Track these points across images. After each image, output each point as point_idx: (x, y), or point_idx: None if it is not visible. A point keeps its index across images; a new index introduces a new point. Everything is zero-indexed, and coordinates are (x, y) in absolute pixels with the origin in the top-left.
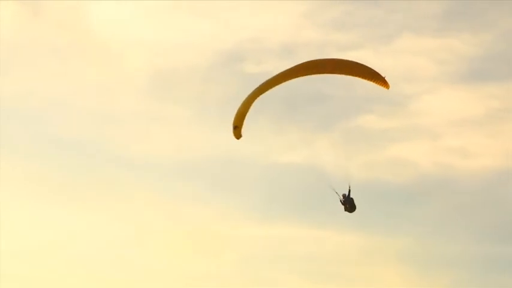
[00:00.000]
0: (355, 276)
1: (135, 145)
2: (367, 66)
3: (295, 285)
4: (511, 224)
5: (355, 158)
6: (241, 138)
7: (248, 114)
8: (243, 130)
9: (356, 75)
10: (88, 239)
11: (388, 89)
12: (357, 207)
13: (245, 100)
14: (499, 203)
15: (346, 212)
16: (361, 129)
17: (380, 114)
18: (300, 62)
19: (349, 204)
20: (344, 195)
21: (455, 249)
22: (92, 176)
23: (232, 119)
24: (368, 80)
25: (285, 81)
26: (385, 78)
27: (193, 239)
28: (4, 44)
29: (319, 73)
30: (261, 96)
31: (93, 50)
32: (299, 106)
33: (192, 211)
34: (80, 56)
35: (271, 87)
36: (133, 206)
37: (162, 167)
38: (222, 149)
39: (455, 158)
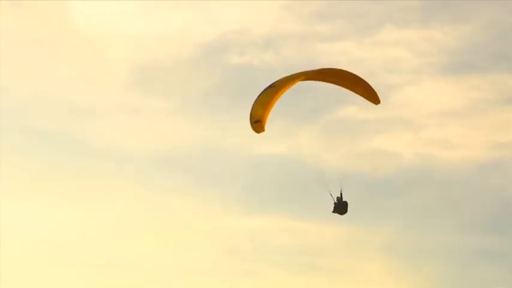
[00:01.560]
0: (338, 267)
1: (117, 137)
2: (365, 82)
3: (278, 277)
4: (493, 215)
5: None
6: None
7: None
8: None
9: (353, 90)
10: (68, 232)
11: (377, 104)
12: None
13: (267, 95)
14: (482, 193)
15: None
16: (343, 121)
17: (362, 105)
18: (315, 68)
19: (343, 207)
20: (338, 198)
21: (438, 240)
22: (73, 169)
23: (250, 112)
24: (361, 95)
25: (294, 83)
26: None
27: (174, 232)
28: None
29: (324, 81)
30: (244, 88)
31: (74, 42)
32: (281, 98)
33: (173, 203)
34: (61, 48)
35: (288, 87)
36: (115, 198)
37: (143, 159)
38: (204, 140)
39: (437, 149)
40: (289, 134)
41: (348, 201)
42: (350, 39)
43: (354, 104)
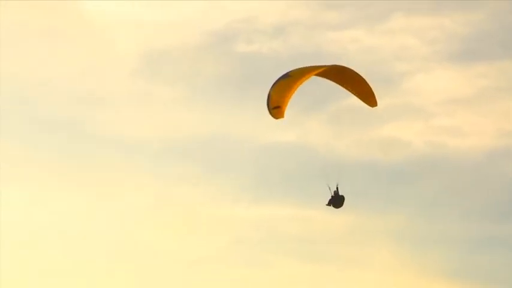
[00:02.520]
0: (347, 255)
1: (125, 126)
2: (368, 85)
3: (287, 266)
4: (502, 203)
5: (347, 138)
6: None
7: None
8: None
9: (354, 92)
10: (77, 222)
11: (372, 107)
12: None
13: (285, 83)
14: (491, 181)
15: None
16: (352, 109)
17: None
18: (324, 64)
19: (339, 201)
20: (335, 192)
21: (447, 227)
22: (82, 158)
23: (268, 98)
24: (360, 97)
25: (310, 76)
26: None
27: (184, 221)
28: None
29: (332, 79)
30: (252, 76)
31: (83, 31)
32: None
33: (182, 192)
34: (69, 37)
35: (306, 79)
36: (124, 187)
37: (152, 147)
38: (213, 129)
39: (446, 136)
40: (298, 122)
41: (344, 196)
42: (359, 27)
43: None
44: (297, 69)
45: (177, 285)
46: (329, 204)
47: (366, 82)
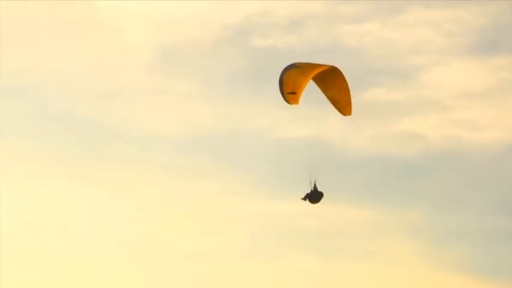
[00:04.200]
0: (365, 250)
1: (140, 121)
2: (349, 93)
3: (305, 261)
4: None
5: (364, 132)
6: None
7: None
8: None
9: (334, 97)
10: (92, 216)
11: (345, 115)
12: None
13: (298, 71)
14: (508, 175)
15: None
16: (370, 103)
17: (389, 86)
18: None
19: (316, 196)
20: (314, 188)
21: (465, 222)
22: (96, 152)
23: (282, 84)
24: (337, 105)
25: (320, 70)
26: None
27: (200, 216)
28: (4, 19)
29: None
30: (268, 70)
31: (96, 25)
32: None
33: (197, 187)
34: (83, 31)
35: (315, 73)
36: (138, 182)
37: (167, 142)
38: (228, 124)
39: (464, 130)
40: (315, 117)
41: (323, 193)
42: (375, 20)
43: (381, 86)
44: (302, 63)
45: (192, 280)
46: (305, 198)
47: (349, 91)
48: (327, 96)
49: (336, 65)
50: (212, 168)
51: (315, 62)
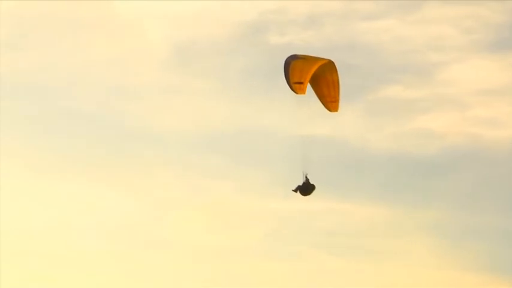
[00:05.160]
0: (383, 249)
1: (156, 119)
2: (339, 90)
3: (320, 260)
4: None
5: (382, 130)
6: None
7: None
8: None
9: (324, 92)
10: (108, 214)
11: (331, 111)
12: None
13: (303, 62)
14: None
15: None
16: (387, 100)
17: (407, 84)
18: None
19: (307, 188)
20: (306, 180)
21: (484, 221)
22: (112, 150)
23: (287, 74)
24: (325, 99)
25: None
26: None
27: (216, 214)
28: (23, 17)
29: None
30: (281, 67)
31: (113, 22)
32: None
33: (213, 185)
34: (98, 29)
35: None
36: (155, 180)
37: (184, 140)
38: (245, 121)
39: (483, 128)
40: (331, 114)
41: (315, 185)
42: (393, 16)
43: (399, 83)
44: (302, 55)
45: (208, 279)
46: (296, 190)
47: (339, 86)
48: (315, 90)
49: (336, 60)
50: (228, 167)
51: (313, 55)
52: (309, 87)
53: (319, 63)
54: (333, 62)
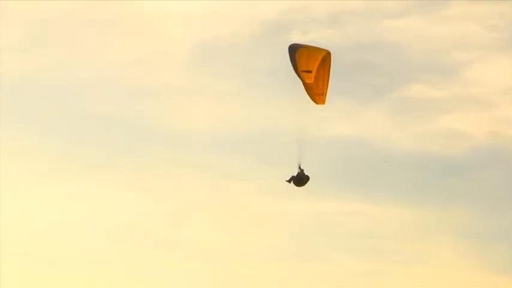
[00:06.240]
0: (406, 251)
1: (177, 119)
2: (328, 82)
3: (345, 261)
4: None
5: (406, 130)
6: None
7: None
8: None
9: (313, 84)
10: (129, 215)
11: (317, 104)
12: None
13: (308, 50)
14: None
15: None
16: (411, 99)
17: (431, 83)
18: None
19: (300, 179)
20: (301, 171)
21: (510, 222)
22: (133, 151)
23: (294, 62)
24: (312, 91)
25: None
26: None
27: (239, 216)
28: (43, 17)
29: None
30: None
31: (134, 22)
32: (346, 75)
33: (235, 186)
34: (121, 29)
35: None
36: (176, 182)
37: (205, 141)
38: (268, 122)
39: (509, 127)
40: (355, 114)
41: (309, 177)
42: (416, 14)
43: (423, 82)
44: (303, 44)
45: (229, 281)
46: (289, 181)
47: (328, 79)
48: (302, 81)
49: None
50: (250, 167)
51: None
52: (296, 79)
53: (322, 53)
54: (330, 53)
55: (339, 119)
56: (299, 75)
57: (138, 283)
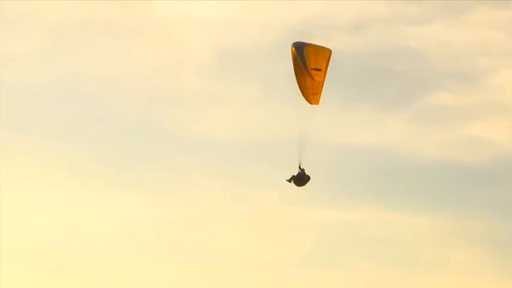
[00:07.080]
0: (430, 259)
1: (197, 126)
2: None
3: (368, 269)
4: None
5: (430, 138)
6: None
7: None
8: None
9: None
10: (151, 222)
11: (311, 104)
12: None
13: (315, 48)
14: None
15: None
16: (435, 107)
17: (454, 90)
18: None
19: (301, 179)
20: (302, 171)
21: None
22: (153, 158)
23: (303, 59)
24: (307, 91)
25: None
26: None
27: (264, 224)
28: (63, 24)
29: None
30: (329, 73)
31: (154, 28)
32: (369, 83)
33: (259, 194)
34: (139, 35)
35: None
36: (199, 190)
37: (226, 148)
38: (290, 129)
39: None
40: (377, 122)
41: (310, 177)
42: (440, 21)
43: (447, 90)
44: (306, 42)
45: None
46: (290, 180)
47: (324, 79)
48: (298, 80)
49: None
50: (272, 175)
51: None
52: (292, 77)
53: (327, 51)
54: (331, 52)
55: (362, 126)
56: (308, 73)
57: None
